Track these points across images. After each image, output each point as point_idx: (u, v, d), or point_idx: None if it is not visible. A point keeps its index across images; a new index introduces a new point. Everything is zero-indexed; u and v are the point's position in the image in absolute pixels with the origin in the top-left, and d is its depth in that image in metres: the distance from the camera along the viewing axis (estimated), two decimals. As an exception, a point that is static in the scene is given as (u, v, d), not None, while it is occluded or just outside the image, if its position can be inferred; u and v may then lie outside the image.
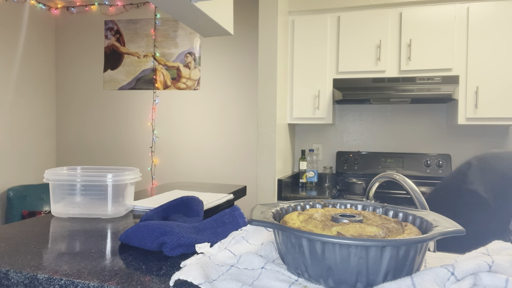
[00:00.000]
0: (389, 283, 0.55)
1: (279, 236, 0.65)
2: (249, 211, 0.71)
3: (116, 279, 0.68)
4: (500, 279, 0.55)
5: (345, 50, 2.86)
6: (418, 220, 0.71)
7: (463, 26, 2.64)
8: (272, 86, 2.75)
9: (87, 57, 3.99)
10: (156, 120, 3.79)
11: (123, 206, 1.24)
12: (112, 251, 0.85)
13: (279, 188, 2.75)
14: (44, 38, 3.94)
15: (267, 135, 2.76)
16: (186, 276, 0.61)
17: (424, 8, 2.70)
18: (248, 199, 3.41)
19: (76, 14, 4.01)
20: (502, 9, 2.57)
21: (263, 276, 0.63)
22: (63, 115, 4.08)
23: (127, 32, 3.85)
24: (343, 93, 2.80)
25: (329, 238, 0.55)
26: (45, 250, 0.85)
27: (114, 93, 3.91)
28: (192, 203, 1.13)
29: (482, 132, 2.91)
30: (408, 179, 1.00)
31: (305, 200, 0.84)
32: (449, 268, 0.57)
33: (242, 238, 0.80)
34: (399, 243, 0.54)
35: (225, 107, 3.62)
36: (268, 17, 2.74)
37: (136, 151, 3.84)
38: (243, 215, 0.93)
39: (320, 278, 0.59)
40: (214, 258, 0.70)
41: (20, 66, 3.67)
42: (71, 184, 1.21)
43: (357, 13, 2.84)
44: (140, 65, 3.82)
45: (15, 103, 3.62)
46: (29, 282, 0.70)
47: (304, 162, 3.04)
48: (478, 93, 2.60)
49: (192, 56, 3.67)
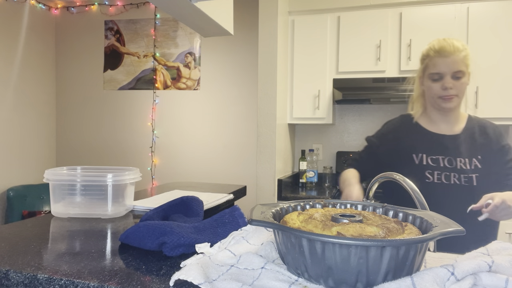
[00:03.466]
0: (389, 283, 0.55)
1: (279, 236, 0.65)
2: (249, 211, 0.71)
3: (116, 279, 0.68)
4: (500, 279, 0.55)
5: (345, 50, 2.86)
6: (418, 220, 0.71)
7: (463, 26, 2.64)
8: (272, 86, 2.75)
9: (87, 57, 3.99)
10: (156, 120, 3.79)
11: (123, 206, 1.24)
12: (112, 251, 0.85)
13: (279, 188, 2.75)
14: (44, 38, 3.94)
15: (267, 135, 2.76)
16: (186, 276, 0.61)
17: (424, 8, 2.70)
18: (248, 199, 3.40)
19: (76, 14, 4.01)
20: (502, 9, 2.57)
21: (263, 276, 0.63)
22: (63, 115, 4.08)
23: (127, 32, 3.85)
24: (343, 93, 2.80)
25: (329, 238, 0.55)
26: (45, 250, 0.85)
27: (114, 93, 3.91)
28: (192, 203, 1.13)
29: (482, 132, 2.91)
30: (408, 179, 1.00)
31: (305, 200, 0.84)
32: (449, 268, 0.57)
33: (242, 238, 0.80)
34: (399, 243, 0.54)
35: (225, 107, 3.62)
36: (268, 17, 2.74)
37: (136, 151, 3.84)
38: (243, 215, 0.93)
39: (320, 278, 0.59)
40: (214, 258, 0.70)
41: (20, 66, 3.67)
42: (71, 184, 1.21)
43: (357, 13, 2.84)
44: (140, 65, 3.82)
45: (15, 103, 3.62)
46: (29, 282, 0.70)
47: (304, 162, 3.04)
48: (478, 93, 2.60)
49: (192, 56, 3.67)
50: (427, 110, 1.50)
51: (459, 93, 1.38)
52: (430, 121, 1.49)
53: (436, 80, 1.39)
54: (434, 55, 1.39)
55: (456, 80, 1.37)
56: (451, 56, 1.36)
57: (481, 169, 1.36)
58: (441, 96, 1.38)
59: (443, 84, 1.37)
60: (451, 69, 1.36)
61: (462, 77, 1.37)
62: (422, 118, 1.51)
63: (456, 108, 1.43)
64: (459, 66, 1.36)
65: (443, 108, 1.41)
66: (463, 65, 1.37)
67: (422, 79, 1.48)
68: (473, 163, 1.37)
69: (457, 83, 1.37)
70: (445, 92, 1.37)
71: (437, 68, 1.37)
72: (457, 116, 1.47)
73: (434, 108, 1.46)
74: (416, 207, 0.97)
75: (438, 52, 1.38)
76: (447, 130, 1.45)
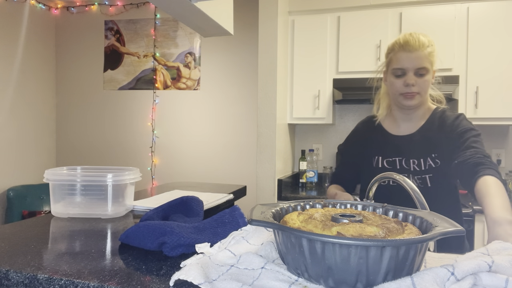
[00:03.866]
0: (389, 283, 0.55)
1: (279, 236, 0.65)
2: (249, 211, 0.71)
3: (116, 279, 0.68)
4: (500, 279, 0.55)
5: (345, 50, 2.86)
6: (418, 220, 0.71)
7: (463, 26, 2.64)
8: (272, 86, 2.75)
9: (87, 57, 3.99)
10: (156, 120, 3.79)
11: (123, 206, 1.24)
12: (112, 251, 0.85)
13: (279, 188, 2.75)
14: (44, 38, 3.94)
15: (267, 135, 2.76)
16: (186, 276, 0.61)
17: (424, 8, 2.70)
18: (248, 199, 3.41)
19: (76, 14, 4.01)
20: (502, 9, 2.57)
21: (263, 276, 0.63)
22: (63, 115, 4.08)
23: (127, 32, 3.85)
24: (343, 93, 2.79)
25: (329, 238, 0.55)
26: (45, 250, 0.85)
27: (114, 93, 3.91)
28: (192, 203, 1.13)
29: (482, 132, 2.90)
30: (408, 179, 1.00)
31: (305, 200, 0.84)
32: (449, 268, 0.57)
33: (242, 238, 0.80)
34: (399, 243, 0.54)
35: (225, 107, 3.62)
36: (268, 17, 2.74)
37: (136, 151, 3.84)
38: (243, 215, 0.93)
39: (320, 278, 0.59)
40: (214, 258, 0.70)
41: (20, 66, 3.67)
42: (71, 184, 1.21)
43: (357, 13, 2.83)
44: (140, 65, 3.82)
45: (15, 103, 3.62)
46: (29, 282, 0.70)
47: (304, 162, 3.04)
48: (478, 93, 2.60)
49: (192, 56, 3.67)
50: (392, 110, 1.45)
51: (422, 90, 1.32)
52: (392, 122, 1.45)
53: (399, 76, 1.33)
54: (398, 50, 1.33)
55: (419, 77, 1.31)
56: (415, 51, 1.29)
57: (437, 168, 1.31)
58: (403, 93, 1.32)
59: (405, 80, 1.31)
60: (415, 65, 1.29)
61: (425, 74, 1.30)
62: (387, 119, 1.47)
63: (419, 107, 1.37)
64: (423, 62, 1.29)
65: (404, 105, 1.35)
66: (427, 62, 1.30)
67: (385, 75, 1.42)
68: (427, 162, 1.32)
69: (420, 80, 1.30)
70: (407, 89, 1.31)
71: (400, 63, 1.31)
72: (421, 114, 1.40)
73: (397, 107, 1.40)
74: (416, 207, 0.97)
75: (403, 47, 1.31)
76: (406, 130, 1.41)
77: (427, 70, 1.30)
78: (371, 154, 1.42)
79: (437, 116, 1.39)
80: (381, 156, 1.40)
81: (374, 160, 1.41)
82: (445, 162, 1.30)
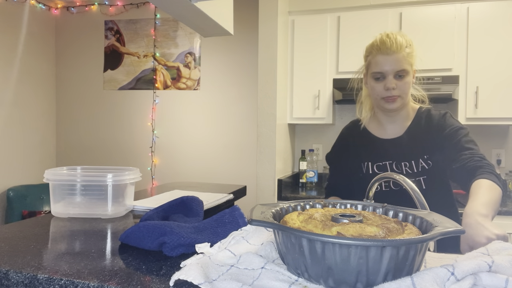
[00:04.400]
0: (389, 283, 0.55)
1: (279, 236, 0.65)
2: (249, 211, 0.70)
3: (116, 279, 0.68)
4: (500, 279, 0.55)
5: (345, 50, 2.85)
6: (418, 220, 0.71)
7: (463, 26, 2.64)
8: (272, 86, 2.75)
9: (87, 57, 3.99)
10: (156, 120, 3.79)
11: (123, 206, 1.24)
12: (112, 251, 0.85)
13: (279, 188, 2.75)
14: (44, 38, 3.94)
15: (267, 135, 2.76)
16: (186, 276, 0.61)
17: (424, 8, 2.70)
18: (248, 199, 3.39)
19: (76, 14, 4.01)
20: (502, 9, 2.57)
21: (263, 276, 0.63)
22: (63, 115, 4.08)
23: (127, 32, 3.85)
24: (343, 93, 2.79)
25: (329, 238, 0.55)
26: (45, 250, 0.85)
27: (114, 93, 3.91)
28: (192, 203, 1.13)
29: (482, 132, 2.90)
30: (408, 179, 1.00)
31: (305, 200, 0.84)
32: (449, 268, 0.57)
33: (242, 238, 0.80)
34: (399, 243, 0.54)
35: (225, 107, 3.62)
36: (268, 17, 2.74)
37: (136, 151, 3.84)
38: (243, 215, 0.93)
39: (320, 278, 0.59)
40: (214, 258, 0.70)
41: (20, 66, 3.67)
42: (71, 184, 1.21)
43: (357, 13, 2.83)
44: (140, 65, 3.82)
45: (15, 103, 3.62)
46: (29, 282, 0.70)
47: (304, 162, 3.04)
48: (478, 93, 2.59)
49: (192, 56, 3.67)
50: (375, 113, 1.42)
51: (402, 93, 1.28)
52: (378, 125, 1.42)
53: (379, 80, 1.29)
54: (376, 53, 1.29)
55: (399, 79, 1.27)
56: (393, 54, 1.25)
57: (430, 169, 1.29)
58: (384, 97, 1.29)
59: (385, 84, 1.27)
60: (394, 68, 1.26)
61: (405, 76, 1.27)
62: (371, 123, 1.44)
63: (401, 109, 1.34)
64: (402, 64, 1.25)
65: (386, 109, 1.32)
66: (407, 63, 1.26)
67: (366, 78, 1.38)
68: (420, 164, 1.30)
69: (400, 83, 1.27)
70: (388, 92, 1.27)
71: (379, 67, 1.27)
72: (405, 115, 1.37)
73: (380, 110, 1.38)
74: (416, 207, 0.97)
75: (380, 49, 1.27)
76: (392, 133, 1.38)
77: (407, 71, 1.27)
78: (360, 160, 1.39)
79: (422, 116, 1.36)
80: (370, 161, 1.37)
81: (364, 166, 1.38)
82: (438, 163, 1.29)
